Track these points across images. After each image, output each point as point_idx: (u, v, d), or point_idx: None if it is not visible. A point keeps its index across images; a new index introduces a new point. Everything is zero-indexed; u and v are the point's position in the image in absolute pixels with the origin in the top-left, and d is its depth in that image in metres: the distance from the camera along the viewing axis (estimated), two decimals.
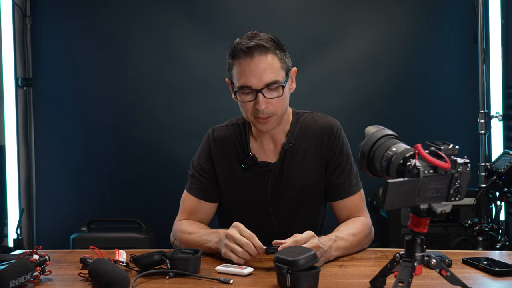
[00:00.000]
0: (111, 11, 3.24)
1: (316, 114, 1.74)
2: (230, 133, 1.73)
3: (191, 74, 3.21)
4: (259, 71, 1.55)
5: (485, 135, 2.78)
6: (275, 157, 1.70)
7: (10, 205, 3.12)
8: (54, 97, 3.26)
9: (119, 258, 1.43)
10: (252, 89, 1.56)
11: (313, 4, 3.23)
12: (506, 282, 1.30)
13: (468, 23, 3.05)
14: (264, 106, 1.56)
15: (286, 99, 1.63)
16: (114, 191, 3.23)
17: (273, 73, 1.56)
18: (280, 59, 1.59)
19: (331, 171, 1.69)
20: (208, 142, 1.75)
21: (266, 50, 1.56)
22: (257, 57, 1.55)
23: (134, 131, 3.23)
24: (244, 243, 1.42)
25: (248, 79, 1.56)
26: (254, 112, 1.59)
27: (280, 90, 1.58)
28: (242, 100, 1.59)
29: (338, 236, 1.53)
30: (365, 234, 1.63)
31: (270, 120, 1.60)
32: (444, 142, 1.07)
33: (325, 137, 1.69)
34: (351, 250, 1.57)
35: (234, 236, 1.43)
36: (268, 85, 1.56)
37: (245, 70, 1.56)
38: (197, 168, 1.73)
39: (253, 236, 1.44)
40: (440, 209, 1.07)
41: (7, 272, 1.24)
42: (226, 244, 1.45)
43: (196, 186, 1.72)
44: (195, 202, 1.72)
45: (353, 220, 1.66)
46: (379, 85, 3.19)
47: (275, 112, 1.59)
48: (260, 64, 1.55)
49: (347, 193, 1.68)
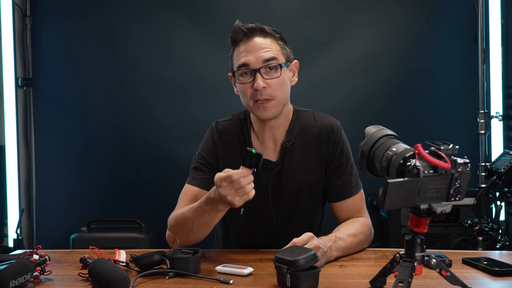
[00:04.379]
0: (111, 11, 3.24)
1: (317, 113, 1.74)
2: (233, 127, 1.73)
3: (191, 74, 3.21)
4: (257, 49, 1.57)
5: (485, 135, 2.78)
6: (275, 156, 1.69)
7: (10, 205, 3.12)
8: (54, 97, 3.26)
9: (119, 258, 1.43)
10: (251, 68, 1.57)
11: (312, 4, 3.23)
12: (506, 282, 1.30)
13: (468, 23, 3.05)
14: (262, 85, 1.56)
15: (286, 85, 1.63)
16: (114, 191, 3.23)
17: (271, 52, 1.58)
18: (279, 45, 1.62)
19: (331, 172, 1.68)
20: (211, 135, 1.73)
21: (265, 34, 1.60)
22: (257, 37, 1.59)
23: (134, 131, 3.23)
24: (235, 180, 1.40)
25: (246, 57, 1.57)
26: (253, 95, 1.58)
27: (279, 70, 1.58)
28: (241, 82, 1.60)
29: (338, 236, 1.53)
30: (365, 235, 1.62)
31: (269, 105, 1.59)
32: (444, 142, 1.07)
33: (324, 137, 1.68)
34: (350, 250, 1.57)
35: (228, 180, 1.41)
36: (266, 61, 1.56)
37: (244, 49, 1.59)
38: (200, 159, 1.71)
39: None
40: (440, 209, 1.07)
41: (7, 272, 1.24)
42: (223, 189, 1.41)
43: (199, 176, 1.69)
44: (196, 192, 1.66)
45: (353, 220, 1.65)
46: (379, 85, 3.19)
47: (274, 95, 1.59)
48: (258, 44, 1.58)
49: (347, 194, 1.68)
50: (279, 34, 1.64)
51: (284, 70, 1.60)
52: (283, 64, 1.60)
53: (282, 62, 1.60)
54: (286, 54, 1.63)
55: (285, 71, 1.61)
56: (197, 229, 1.54)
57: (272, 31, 1.62)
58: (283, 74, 1.60)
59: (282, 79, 1.59)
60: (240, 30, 1.59)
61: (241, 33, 1.59)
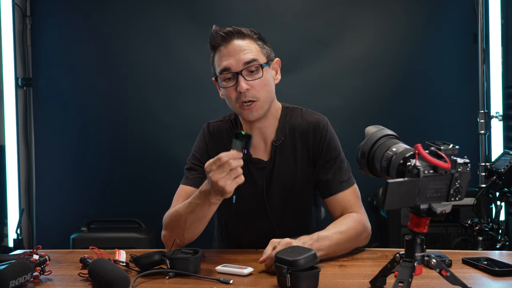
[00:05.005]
0: (111, 11, 3.25)
1: (304, 110, 1.74)
2: (225, 128, 1.74)
3: (191, 74, 3.21)
4: (237, 52, 1.58)
5: (485, 135, 2.78)
6: (266, 155, 1.70)
7: (10, 205, 3.12)
8: (54, 97, 3.26)
9: (119, 258, 1.43)
10: (232, 71, 1.58)
11: (312, 4, 3.23)
12: (506, 282, 1.30)
13: (468, 23, 3.05)
14: (245, 87, 1.56)
15: (269, 85, 1.62)
16: (114, 191, 3.23)
17: (251, 53, 1.59)
18: (259, 45, 1.62)
19: (319, 167, 1.67)
20: (204, 136, 1.75)
21: (243, 36, 1.61)
22: (235, 40, 1.59)
23: (134, 131, 3.23)
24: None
25: (227, 61, 1.58)
26: (237, 97, 1.59)
27: (260, 71, 1.58)
28: (224, 87, 1.60)
29: (322, 235, 1.49)
30: (356, 230, 1.57)
31: (254, 106, 1.59)
32: (444, 142, 1.07)
33: (311, 133, 1.68)
34: (339, 248, 1.53)
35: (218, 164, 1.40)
36: (247, 63, 1.57)
37: (224, 53, 1.59)
38: (194, 160, 1.72)
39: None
40: (440, 209, 1.07)
41: (7, 272, 1.24)
42: (213, 173, 1.40)
43: (192, 176, 1.69)
44: (190, 191, 1.65)
45: (344, 217, 1.61)
46: (379, 85, 3.19)
47: (258, 97, 1.59)
48: (238, 47, 1.58)
49: (338, 188, 1.65)
50: (257, 34, 1.64)
51: (266, 70, 1.61)
52: (264, 64, 1.60)
53: (263, 62, 1.60)
54: (266, 54, 1.63)
55: (267, 70, 1.61)
56: (190, 226, 1.54)
57: (250, 31, 1.62)
58: (265, 74, 1.60)
59: (264, 79, 1.60)
60: (218, 35, 1.60)
61: (219, 38, 1.60)
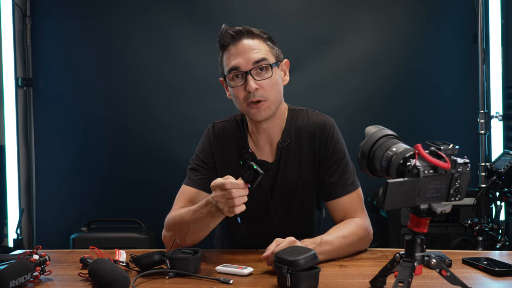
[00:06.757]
0: (111, 11, 3.25)
1: (310, 111, 1.73)
2: (230, 128, 1.73)
3: (191, 74, 3.22)
4: (247, 51, 1.57)
5: (485, 135, 2.78)
6: (271, 157, 1.69)
7: (10, 205, 3.12)
8: (54, 97, 3.26)
9: (119, 258, 1.43)
10: (241, 71, 1.57)
11: (313, 4, 3.23)
12: (506, 282, 1.30)
13: (468, 23, 3.05)
14: (254, 86, 1.55)
15: (278, 85, 1.62)
16: (114, 191, 3.23)
17: (260, 53, 1.58)
18: (268, 45, 1.62)
19: (324, 170, 1.66)
20: (208, 136, 1.74)
21: (253, 35, 1.60)
22: (244, 40, 1.59)
23: (135, 131, 3.23)
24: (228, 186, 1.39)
25: (236, 60, 1.57)
26: (246, 97, 1.58)
27: (270, 70, 1.58)
28: (233, 86, 1.60)
29: (324, 239, 1.49)
30: (358, 236, 1.56)
31: (263, 106, 1.58)
32: (444, 142, 1.07)
33: (317, 135, 1.67)
34: (341, 252, 1.52)
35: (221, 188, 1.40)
36: (256, 62, 1.56)
37: (233, 52, 1.58)
38: (198, 161, 1.71)
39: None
40: (440, 209, 1.07)
41: (7, 272, 1.24)
42: (215, 194, 1.41)
43: (196, 177, 1.69)
44: (193, 193, 1.66)
45: (346, 222, 1.60)
46: (379, 85, 3.19)
47: (267, 96, 1.58)
48: (247, 46, 1.58)
49: (342, 192, 1.64)
50: (266, 34, 1.64)
51: (275, 70, 1.60)
52: (274, 64, 1.60)
53: (272, 62, 1.60)
54: (275, 54, 1.63)
55: (276, 71, 1.61)
56: (193, 232, 1.54)
57: (260, 32, 1.62)
58: (274, 74, 1.59)
59: (273, 79, 1.59)
60: (228, 34, 1.59)
61: (229, 37, 1.59)
